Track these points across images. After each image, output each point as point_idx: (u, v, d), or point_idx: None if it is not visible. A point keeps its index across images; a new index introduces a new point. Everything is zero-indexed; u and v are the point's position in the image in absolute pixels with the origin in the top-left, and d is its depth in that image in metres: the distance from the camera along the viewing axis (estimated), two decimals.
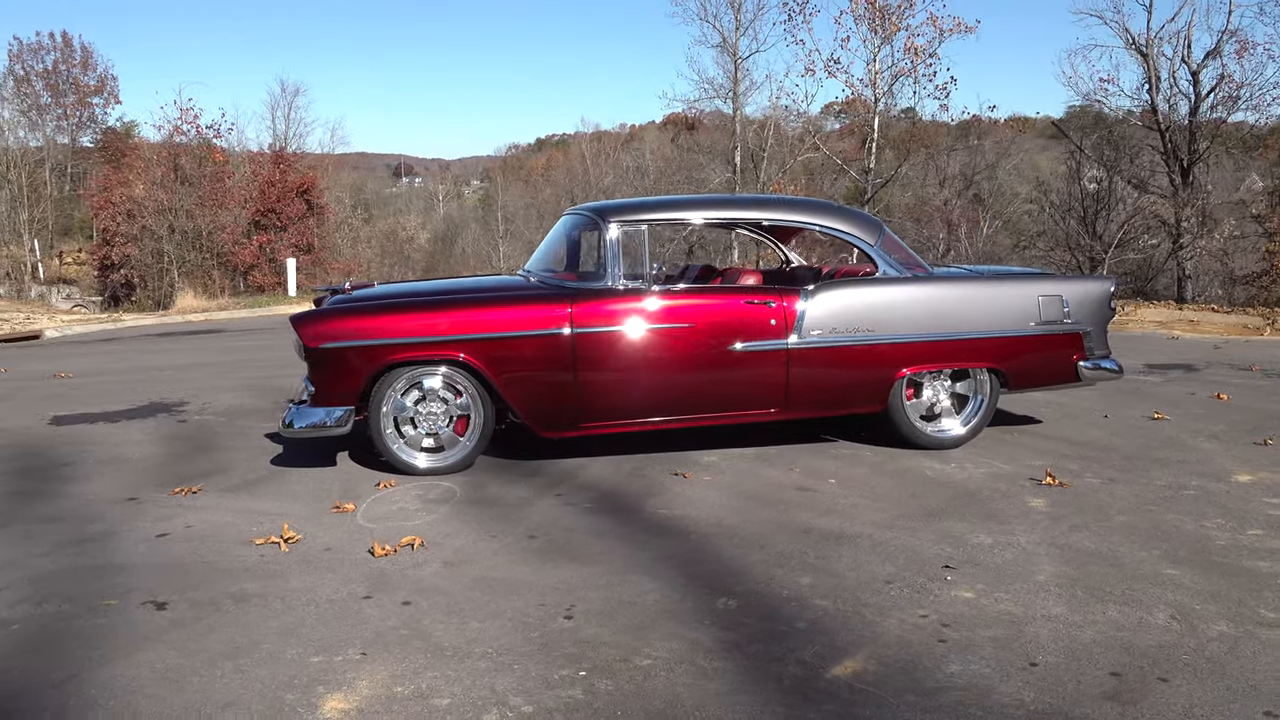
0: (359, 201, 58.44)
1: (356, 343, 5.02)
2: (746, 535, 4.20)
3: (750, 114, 34.77)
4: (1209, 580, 3.63)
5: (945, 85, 29.20)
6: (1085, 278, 6.13)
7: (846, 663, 2.98)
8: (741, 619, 3.31)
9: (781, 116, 33.82)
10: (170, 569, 3.80)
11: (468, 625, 3.26)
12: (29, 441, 6.16)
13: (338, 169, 57.72)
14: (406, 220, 58.43)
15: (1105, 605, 3.41)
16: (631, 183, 45.82)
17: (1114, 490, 4.83)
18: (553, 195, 49.27)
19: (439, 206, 70.27)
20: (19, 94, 51.70)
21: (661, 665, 2.95)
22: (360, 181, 68.00)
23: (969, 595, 3.51)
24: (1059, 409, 6.88)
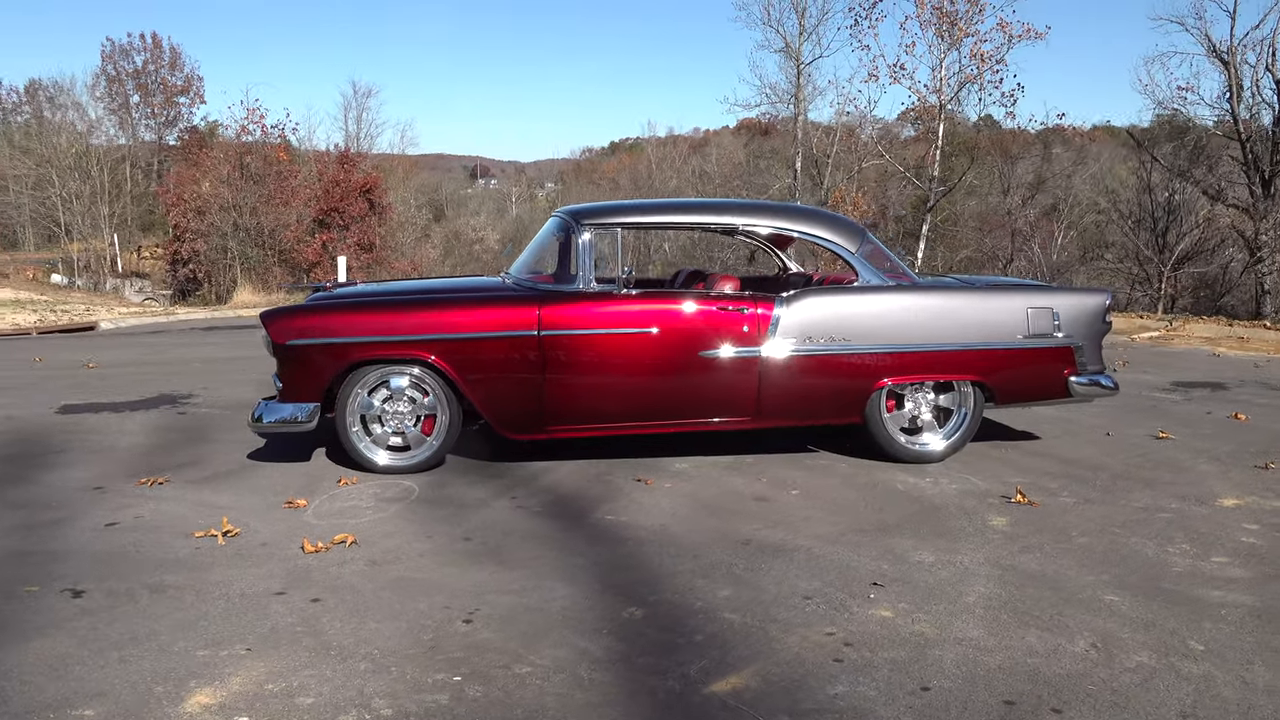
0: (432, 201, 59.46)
1: (322, 340, 5.07)
2: (684, 544, 4.13)
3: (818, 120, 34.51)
4: (1148, 608, 3.47)
5: (1012, 92, 28.57)
6: (1078, 290, 5.91)
7: (730, 679, 2.91)
8: (642, 629, 3.26)
9: (854, 122, 33.48)
10: (102, 558, 3.87)
11: (365, 625, 3.26)
12: (30, 429, 6.35)
13: (414, 169, 58.76)
14: (476, 221, 59.07)
15: (1026, 630, 3.28)
16: (695, 186, 45.68)
17: (1085, 511, 4.66)
18: (615, 199, 49.40)
19: (511, 208, 70.91)
20: (110, 94, 53.66)
21: (540, 674, 2.92)
22: (436, 182, 69.14)
23: (886, 614, 3.40)
24: (1061, 425, 6.66)
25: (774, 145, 38.67)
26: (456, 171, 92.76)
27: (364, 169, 31.60)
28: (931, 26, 29.57)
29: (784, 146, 35.74)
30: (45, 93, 51.69)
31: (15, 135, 43.81)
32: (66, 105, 47.00)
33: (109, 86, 54.03)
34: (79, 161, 38.06)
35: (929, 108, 30.38)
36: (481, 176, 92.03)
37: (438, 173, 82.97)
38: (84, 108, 46.89)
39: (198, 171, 28.09)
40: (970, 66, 28.96)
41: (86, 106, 47.61)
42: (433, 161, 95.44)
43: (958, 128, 31.47)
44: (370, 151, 42.88)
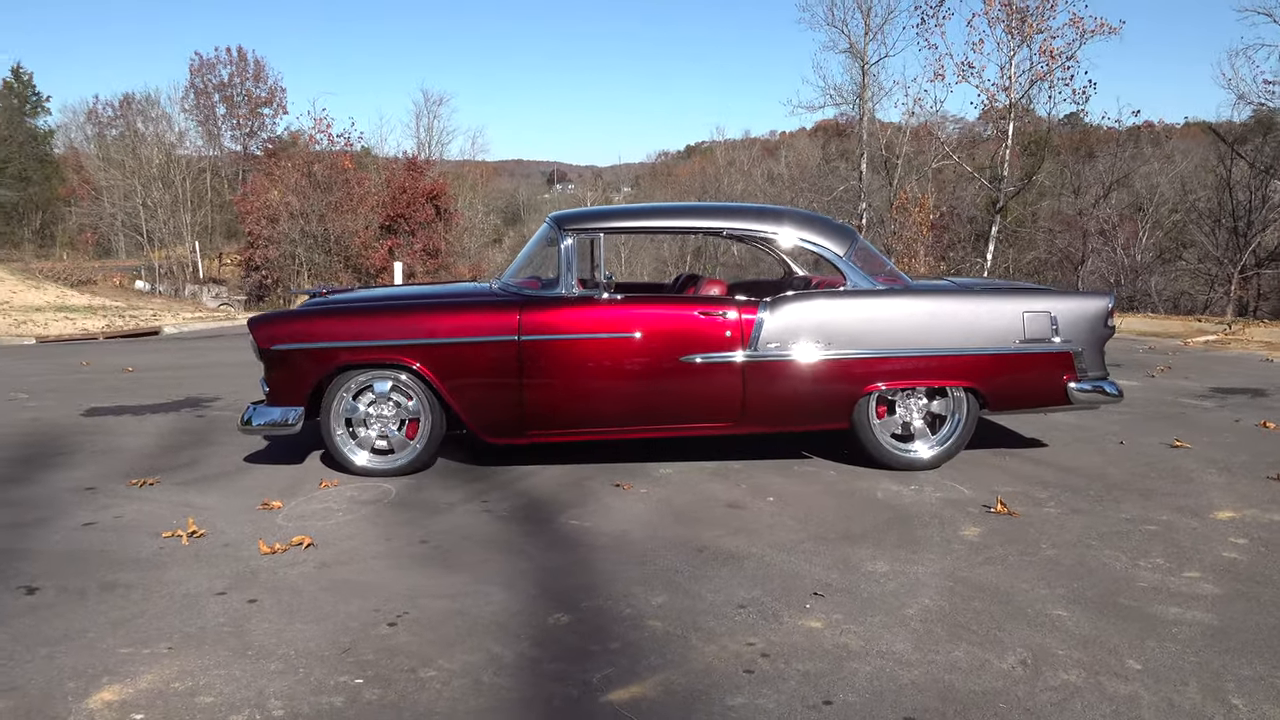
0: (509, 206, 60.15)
1: (306, 345, 5.18)
2: (637, 550, 4.11)
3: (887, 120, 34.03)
4: (1095, 624, 3.35)
5: (1084, 89, 27.82)
6: (1078, 294, 5.72)
7: (632, 688, 2.88)
8: (562, 636, 3.25)
9: (920, 122, 32.96)
10: (68, 557, 4.01)
11: (291, 627, 3.31)
12: (51, 430, 6.61)
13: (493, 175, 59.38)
14: None
15: (956, 644, 3.19)
16: (763, 189, 45.51)
17: (1065, 522, 4.51)
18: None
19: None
20: (198, 106, 55.53)
21: (443, 678, 2.93)
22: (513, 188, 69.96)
23: (815, 625, 3.34)
24: (1073, 432, 6.46)
25: (847, 146, 38.13)
26: (535, 177, 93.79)
27: (431, 176, 32.16)
28: (1000, 23, 29.00)
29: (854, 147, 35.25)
30: (138, 106, 53.69)
31: (111, 148, 45.57)
32: (157, 118, 48.80)
33: (197, 99, 55.86)
34: (162, 172, 39.48)
35: (998, 107, 29.76)
36: (559, 181, 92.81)
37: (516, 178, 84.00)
38: (172, 120, 48.63)
39: (267, 180, 28.88)
40: (1040, 63, 28.32)
41: (175, 119, 49.36)
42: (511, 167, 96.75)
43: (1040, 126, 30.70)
44: (441, 158, 43.68)
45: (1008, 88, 29.19)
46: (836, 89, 33.99)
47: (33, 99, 61.31)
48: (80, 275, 36.36)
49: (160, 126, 46.00)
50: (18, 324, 16.37)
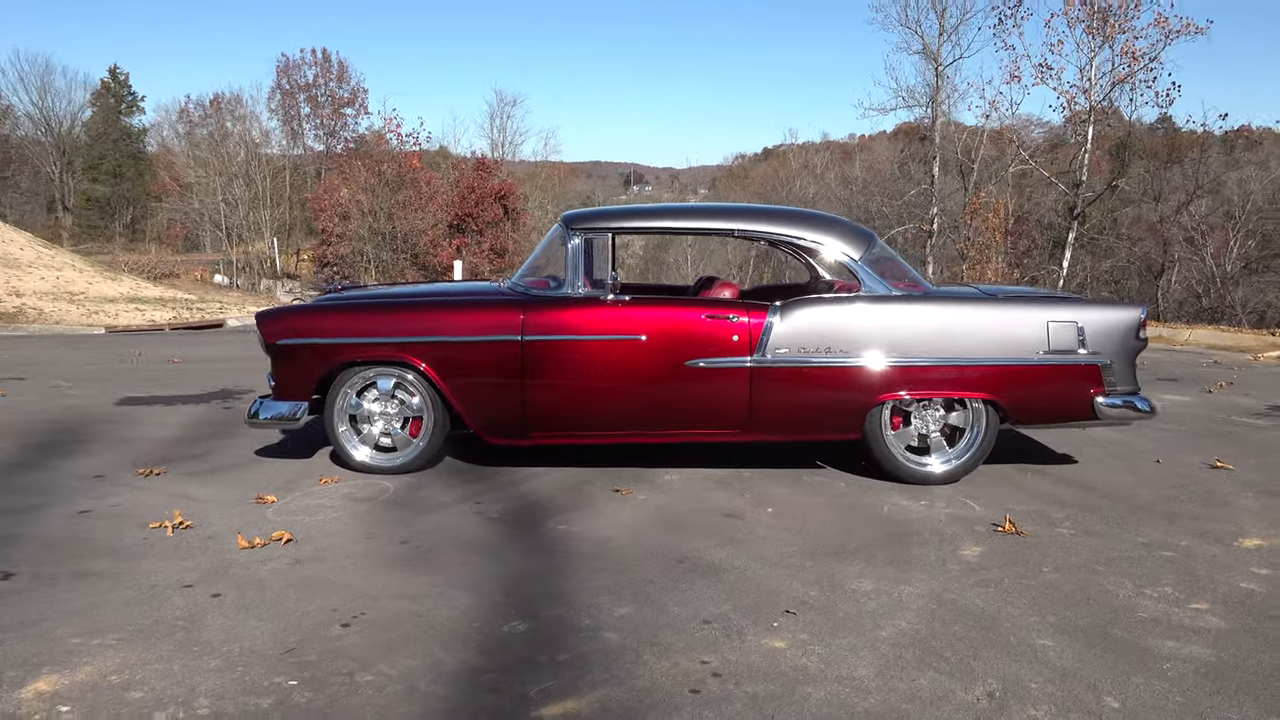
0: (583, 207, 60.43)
1: (310, 340, 5.18)
2: (617, 559, 4.01)
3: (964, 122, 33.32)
4: (1081, 656, 3.14)
5: (1167, 92, 26.82)
6: (1108, 303, 5.45)
7: (568, 703, 2.78)
8: (512, 644, 3.17)
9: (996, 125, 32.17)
10: (53, 544, 4.05)
11: (245, 623, 3.28)
12: (81, 418, 6.75)
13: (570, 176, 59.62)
14: None
15: (924, 672, 3.02)
16: (835, 193, 44.95)
17: (1075, 544, 4.27)
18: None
19: None
20: (283, 106, 56.91)
21: (378, 684, 2.87)
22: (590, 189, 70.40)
23: (778, 645, 3.20)
24: (1109, 449, 6.16)
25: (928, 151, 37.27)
26: (612, 178, 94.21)
27: (500, 176, 32.43)
28: (1081, 24, 28.16)
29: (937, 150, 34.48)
30: (227, 106, 55.20)
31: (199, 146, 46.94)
32: (244, 117, 50.14)
33: (283, 100, 57.23)
34: (243, 169, 40.57)
35: (1077, 110, 28.89)
36: (635, 183, 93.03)
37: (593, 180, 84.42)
38: (259, 119, 49.94)
39: (338, 178, 29.44)
40: (1122, 65, 27.41)
41: (261, 118, 50.69)
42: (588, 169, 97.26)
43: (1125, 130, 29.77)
44: (514, 159, 44.08)
45: (1088, 90, 28.31)
46: (909, 91, 33.45)
47: (128, 99, 63.63)
48: (164, 269, 37.58)
49: (248, 126, 47.27)
50: (90, 314, 16.91)
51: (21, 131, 57.04)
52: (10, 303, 16.82)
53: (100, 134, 59.75)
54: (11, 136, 55.99)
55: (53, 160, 56.28)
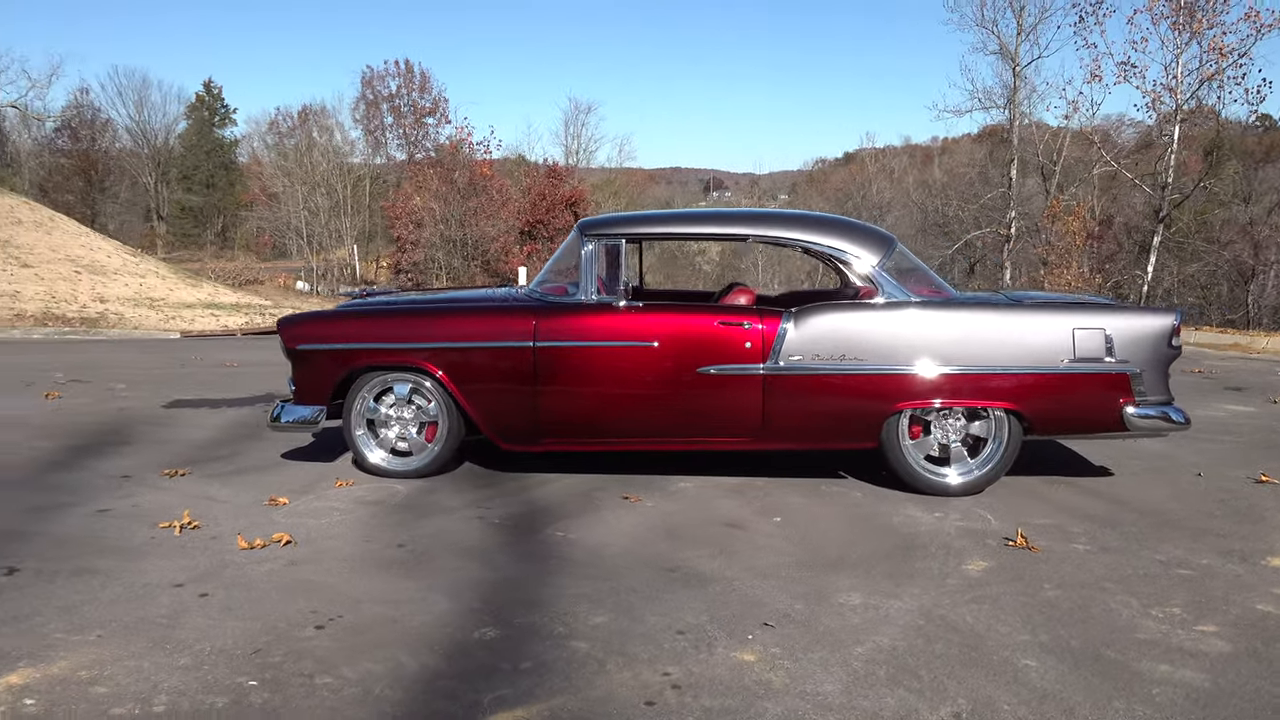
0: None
1: (328, 346, 5.27)
2: (608, 567, 3.98)
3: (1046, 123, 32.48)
4: (1065, 677, 3.01)
5: (1258, 88, 25.74)
6: (1138, 310, 5.23)
7: (518, 711, 2.76)
8: (478, 650, 3.16)
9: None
10: (64, 541, 4.18)
11: (223, 623, 3.34)
12: (125, 420, 6.98)
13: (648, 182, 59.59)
14: None
15: (894, 690, 2.93)
16: (912, 197, 44.20)
17: (1088, 561, 4.11)
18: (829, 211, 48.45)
19: None
20: (368, 116, 58.26)
21: (336, 687, 2.89)
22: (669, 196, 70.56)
23: (748, 658, 3.13)
24: (1150, 460, 5.93)
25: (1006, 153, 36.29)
26: (691, 184, 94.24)
27: (570, 183, 32.69)
28: (1166, 19, 27.22)
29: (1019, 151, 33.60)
30: (315, 117, 56.70)
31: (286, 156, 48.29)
32: (330, 128, 51.49)
33: (367, 110, 58.56)
34: (325, 178, 41.63)
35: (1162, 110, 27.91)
36: (715, 189, 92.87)
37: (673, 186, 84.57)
38: (344, 129, 51.21)
39: (411, 187, 30.01)
40: (1210, 62, 26.40)
41: (347, 128, 51.96)
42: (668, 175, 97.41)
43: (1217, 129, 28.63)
44: (587, 166, 44.38)
45: (1173, 88, 27.35)
46: (985, 92, 32.60)
47: (221, 111, 65.85)
48: (248, 275, 38.75)
49: (333, 136, 48.53)
50: (168, 319, 17.51)
51: (120, 144, 59.54)
52: (94, 308, 17.52)
53: (194, 145, 61.92)
54: (110, 149, 58.48)
55: (148, 171, 58.53)
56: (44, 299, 17.51)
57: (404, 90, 59.94)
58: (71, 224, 22.45)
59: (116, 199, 57.68)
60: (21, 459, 5.70)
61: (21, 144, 55.81)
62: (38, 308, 16.92)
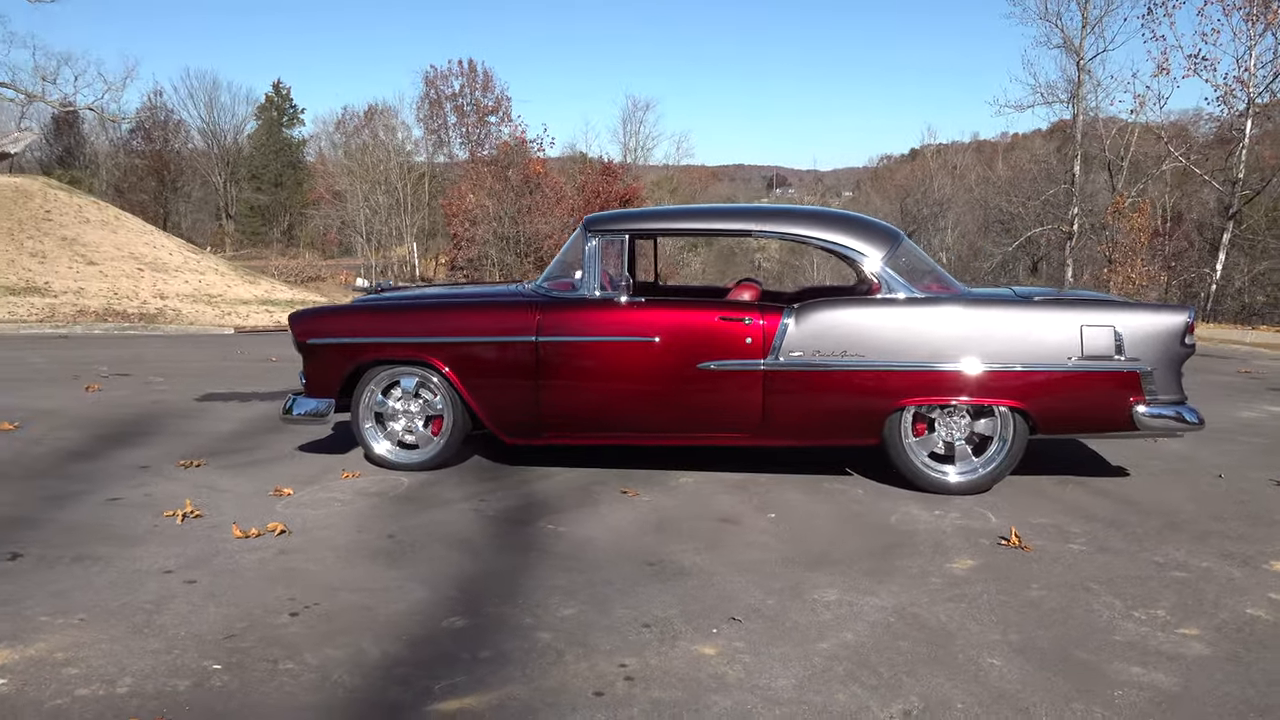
0: None
1: (336, 340, 5.38)
2: (590, 560, 4.01)
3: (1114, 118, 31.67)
4: (1029, 678, 2.97)
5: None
6: (1149, 307, 5.09)
7: (468, 699, 2.81)
8: (442, 639, 3.21)
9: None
10: (73, 528, 4.33)
11: (203, 609, 3.43)
12: (156, 412, 7.19)
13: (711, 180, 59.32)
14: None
15: (848, 686, 2.91)
16: (974, 194, 43.46)
17: (1080, 561, 4.03)
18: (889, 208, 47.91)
19: None
20: (431, 115, 58.91)
21: (296, 673, 2.96)
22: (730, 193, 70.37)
23: (708, 651, 3.14)
24: (1171, 462, 5.78)
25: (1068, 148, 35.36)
26: (755, 182, 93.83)
27: (625, 180, 32.77)
28: (1239, 10, 26.41)
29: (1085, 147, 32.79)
30: (380, 116, 57.49)
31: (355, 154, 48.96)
32: (395, 127, 52.17)
33: (430, 109, 59.17)
34: (385, 176, 42.24)
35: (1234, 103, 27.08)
36: (778, 186, 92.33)
37: (736, 183, 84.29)
38: (409, 128, 51.82)
39: (465, 185, 30.35)
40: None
41: (411, 126, 52.59)
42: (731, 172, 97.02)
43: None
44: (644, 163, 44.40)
45: (1246, 81, 26.52)
46: (1048, 87, 31.88)
47: (290, 111, 67.21)
48: (310, 273, 39.56)
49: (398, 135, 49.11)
50: (223, 315, 17.96)
51: (191, 145, 61.13)
52: (154, 304, 18.04)
53: (263, 145, 63.29)
54: (183, 150, 60.06)
55: (217, 171, 60.00)
56: (107, 295, 18.09)
57: (467, 89, 60.50)
58: (136, 222, 23.13)
59: (189, 199, 59.22)
60: (48, 449, 5.91)
61: (99, 145, 57.65)
62: (100, 304, 17.48)
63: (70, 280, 18.53)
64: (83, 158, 55.94)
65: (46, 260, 19.09)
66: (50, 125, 56.08)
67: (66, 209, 21.19)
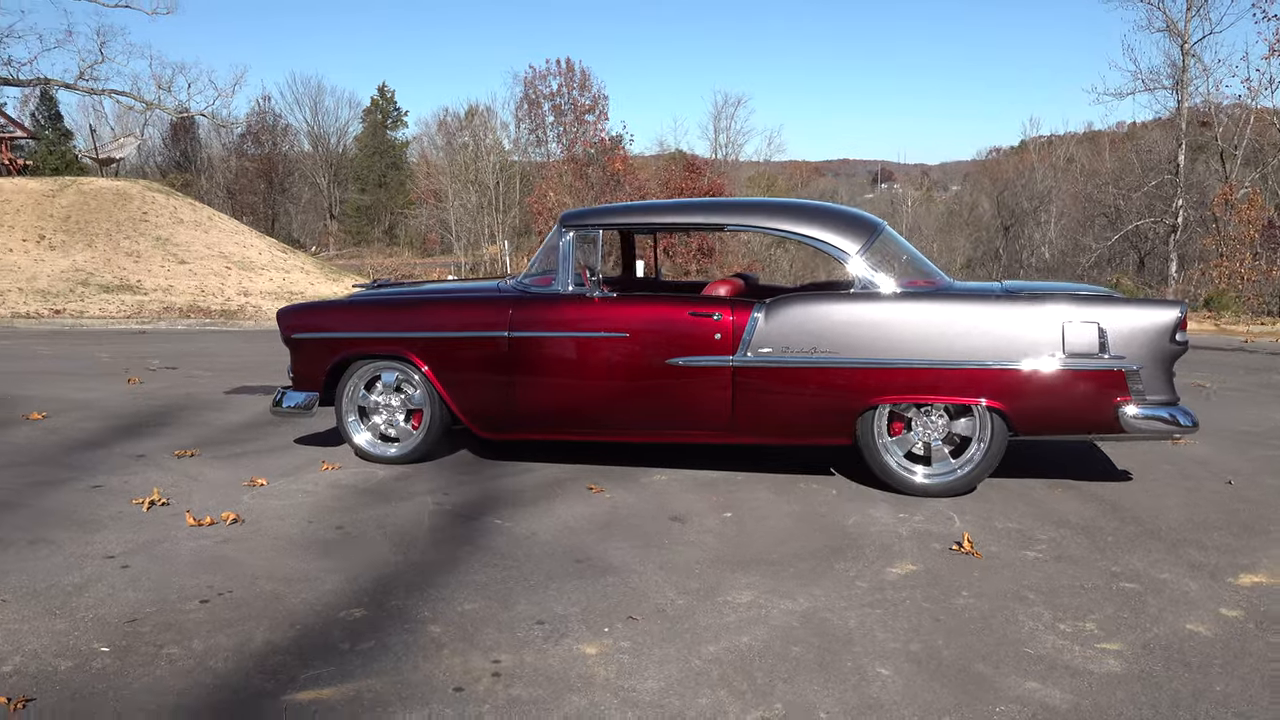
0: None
1: (319, 335, 5.49)
2: (522, 555, 3.99)
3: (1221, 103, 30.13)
4: (912, 689, 2.84)
5: None
6: (1137, 302, 4.80)
7: (325, 690, 2.83)
8: (330, 630, 3.24)
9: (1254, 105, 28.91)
10: (45, 513, 4.52)
11: (123, 594, 3.54)
12: (180, 403, 7.46)
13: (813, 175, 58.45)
14: None
15: (714, 691, 2.83)
16: (1078, 186, 41.91)
17: (1029, 569, 3.84)
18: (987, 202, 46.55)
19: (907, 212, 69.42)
20: (530, 115, 59.69)
21: (176, 658, 3.02)
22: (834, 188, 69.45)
23: (589, 650, 3.10)
24: (1183, 466, 5.46)
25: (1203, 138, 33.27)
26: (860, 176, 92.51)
27: (708, 176, 32.63)
28: None
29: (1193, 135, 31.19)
30: (480, 117, 58.51)
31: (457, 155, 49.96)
32: (495, 127, 53.06)
33: (529, 109, 59.86)
34: (479, 175, 43.07)
35: None
36: (884, 181, 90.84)
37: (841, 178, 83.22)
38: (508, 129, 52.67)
39: (545, 184, 30.65)
40: None
41: (509, 126, 53.42)
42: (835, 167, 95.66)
43: None
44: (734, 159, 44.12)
45: None
46: (1150, 73, 30.54)
47: (394, 114, 69.01)
48: (404, 271, 40.50)
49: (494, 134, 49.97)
50: None
51: (298, 148, 63.34)
52: (236, 301, 18.74)
53: (367, 146, 65.16)
54: (290, 153, 62.29)
55: (322, 172, 62.00)
56: (193, 293, 18.87)
57: (564, 89, 61.01)
58: (229, 222, 24.07)
59: (298, 201, 61.33)
60: (60, 437, 6.19)
61: (213, 150, 60.18)
62: (186, 301, 18.24)
63: (161, 278, 19.38)
64: (198, 161, 58.44)
65: (141, 259, 20.02)
66: (168, 131, 58.90)
67: (163, 210, 22.18)
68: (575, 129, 62.72)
